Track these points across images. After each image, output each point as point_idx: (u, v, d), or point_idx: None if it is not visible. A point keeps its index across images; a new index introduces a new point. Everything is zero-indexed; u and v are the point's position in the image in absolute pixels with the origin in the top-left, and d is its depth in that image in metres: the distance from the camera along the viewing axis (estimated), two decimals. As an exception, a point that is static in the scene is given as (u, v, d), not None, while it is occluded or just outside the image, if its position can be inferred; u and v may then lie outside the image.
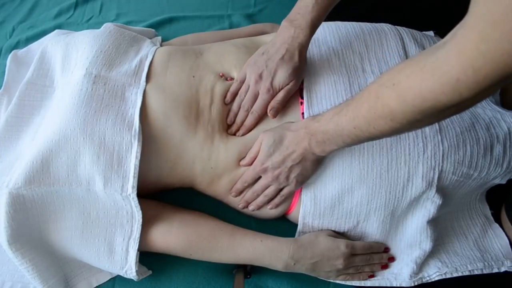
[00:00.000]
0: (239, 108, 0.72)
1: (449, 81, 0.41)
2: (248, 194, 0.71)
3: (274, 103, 0.70)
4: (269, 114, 0.71)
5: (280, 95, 0.70)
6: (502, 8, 0.34)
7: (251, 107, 0.72)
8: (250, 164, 0.69)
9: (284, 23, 0.72)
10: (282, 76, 0.70)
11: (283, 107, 0.71)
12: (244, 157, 0.70)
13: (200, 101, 0.72)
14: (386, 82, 0.49)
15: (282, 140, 0.66)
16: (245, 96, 0.72)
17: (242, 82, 0.73)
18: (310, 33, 0.70)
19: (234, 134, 0.73)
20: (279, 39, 0.71)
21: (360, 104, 0.53)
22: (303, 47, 0.70)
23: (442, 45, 0.42)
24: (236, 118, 0.73)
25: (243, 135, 0.72)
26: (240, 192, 0.72)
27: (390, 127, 0.50)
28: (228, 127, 0.73)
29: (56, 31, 0.94)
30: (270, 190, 0.69)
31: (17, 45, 1.03)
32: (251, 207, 0.72)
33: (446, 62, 0.41)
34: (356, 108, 0.54)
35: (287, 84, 0.70)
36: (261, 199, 0.71)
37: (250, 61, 0.73)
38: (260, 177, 0.70)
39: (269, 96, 0.70)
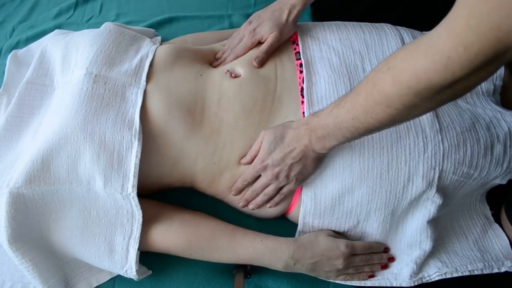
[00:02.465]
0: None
1: (441, 58, 0.41)
2: (248, 193, 0.71)
3: (258, 53, 0.76)
4: (254, 64, 0.76)
5: (263, 46, 0.77)
6: None
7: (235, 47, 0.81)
8: (251, 162, 0.69)
9: None
10: (266, 26, 0.78)
11: (267, 58, 0.77)
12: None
13: (206, 97, 0.72)
14: (382, 67, 0.49)
15: (283, 137, 0.66)
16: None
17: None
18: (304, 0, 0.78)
19: (215, 67, 0.80)
20: (277, 0, 0.81)
21: (357, 93, 0.54)
22: (294, 8, 0.78)
23: (435, 28, 0.42)
24: (223, 55, 0.82)
25: (218, 66, 0.80)
26: (240, 191, 0.72)
27: (387, 114, 0.50)
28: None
29: (55, 31, 0.94)
30: (270, 189, 0.69)
31: (17, 45, 1.03)
32: (250, 206, 0.72)
33: (438, 41, 0.41)
34: (354, 98, 0.54)
35: (268, 35, 0.77)
36: (260, 198, 0.71)
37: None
38: (260, 176, 0.70)
39: (249, 39, 0.79)
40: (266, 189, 0.70)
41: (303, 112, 0.72)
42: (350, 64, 0.75)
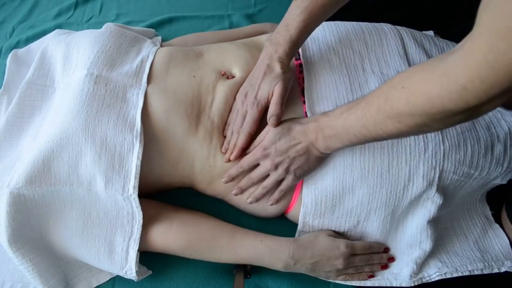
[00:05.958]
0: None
1: (457, 89, 0.42)
2: (244, 180, 0.69)
3: (272, 109, 0.67)
4: (270, 123, 0.67)
5: (273, 100, 0.67)
6: (506, 19, 0.36)
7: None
8: None
9: (265, 43, 0.72)
10: (265, 87, 0.68)
11: (282, 113, 0.68)
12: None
13: (201, 99, 0.72)
14: (396, 84, 0.50)
15: (290, 130, 0.65)
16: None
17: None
18: (289, 48, 0.69)
19: (229, 161, 0.69)
20: (260, 59, 0.71)
21: (369, 104, 0.54)
22: (283, 60, 0.69)
23: (452, 53, 0.43)
24: (229, 143, 0.70)
25: (236, 158, 0.68)
26: (232, 178, 0.70)
27: (397, 129, 0.51)
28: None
29: (56, 30, 0.94)
30: (268, 181, 0.68)
31: (17, 45, 1.03)
32: (249, 200, 0.70)
33: (455, 71, 0.42)
34: (365, 108, 0.55)
35: (272, 91, 0.68)
36: (259, 190, 0.69)
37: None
38: (257, 166, 0.68)
39: (256, 110, 0.68)
40: (265, 182, 0.68)
41: (305, 112, 0.72)
42: (349, 64, 0.75)
